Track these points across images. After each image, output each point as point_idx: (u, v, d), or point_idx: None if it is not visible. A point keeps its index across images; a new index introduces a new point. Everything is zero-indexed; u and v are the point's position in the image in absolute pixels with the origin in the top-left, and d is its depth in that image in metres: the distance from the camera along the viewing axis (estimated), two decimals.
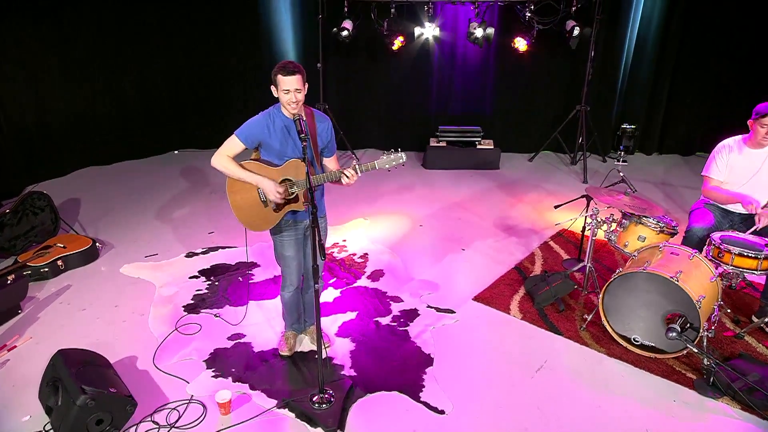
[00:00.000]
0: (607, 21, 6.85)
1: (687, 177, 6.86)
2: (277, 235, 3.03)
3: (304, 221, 3.04)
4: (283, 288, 3.23)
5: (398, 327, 3.67)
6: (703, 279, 3.24)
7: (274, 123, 2.83)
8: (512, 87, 7.42)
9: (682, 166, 7.36)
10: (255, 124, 2.85)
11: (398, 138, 7.69)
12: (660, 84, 7.38)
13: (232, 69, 7.36)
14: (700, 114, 7.46)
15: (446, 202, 5.97)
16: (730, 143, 3.73)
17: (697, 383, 3.04)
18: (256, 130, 2.84)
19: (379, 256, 4.70)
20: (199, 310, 3.83)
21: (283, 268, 3.12)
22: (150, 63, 7.10)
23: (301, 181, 2.83)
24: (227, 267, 4.46)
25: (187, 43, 7.19)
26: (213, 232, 5.13)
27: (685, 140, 7.68)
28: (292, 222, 3.01)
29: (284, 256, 3.06)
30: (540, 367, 3.28)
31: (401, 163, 2.77)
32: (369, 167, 2.76)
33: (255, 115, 2.89)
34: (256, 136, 2.84)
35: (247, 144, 2.86)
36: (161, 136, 7.53)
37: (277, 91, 2.77)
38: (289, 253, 3.05)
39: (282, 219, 2.95)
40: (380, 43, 6.92)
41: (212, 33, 7.18)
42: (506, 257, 4.68)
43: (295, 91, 2.72)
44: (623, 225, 3.78)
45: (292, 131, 2.83)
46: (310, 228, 3.05)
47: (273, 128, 2.82)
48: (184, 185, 6.43)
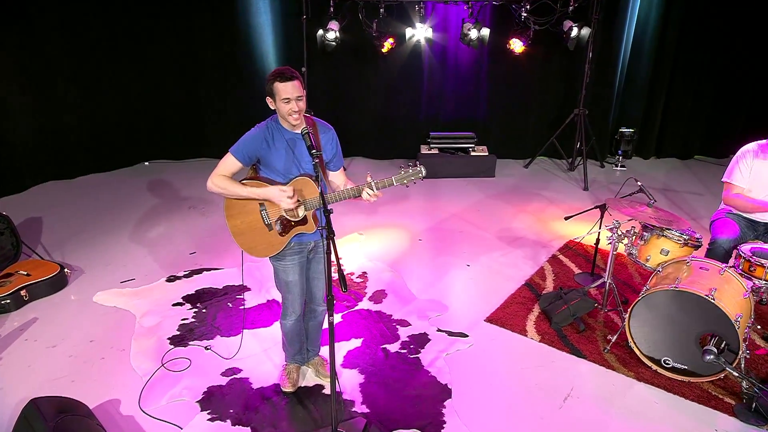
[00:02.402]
0: (603, 21, 6.86)
1: (689, 182, 6.90)
2: (279, 262, 2.84)
3: (309, 243, 2.87)
4: (283, 316, 3.03)
5: (408, 354, 3.51)
6: (736, 295, 3.17)
7: (273, 137, 2.65)
8: (507, 90, 7.37)
9: (681, 170, 7.41)
10: (251, 138, 2.67)
11: (387, 145, 7.58)
12: (658, 86, 7.44)
13: (207, 74, 7.12)
14: (698, 117, 7.54)
15: (444, 213, 5.85)
16: (754, 148, 3.69)
17: (738, 409, 2.96)
18: (253, 145, 2.66)
19: (379, 274, 4.54)
20: (187, 343, 3.60)
21: (284, 294, 2.94)
22: (117, 69, 6.80)
23: (311, 201, 2.65)
24: (214, 291, 4.23)
25: (158, 48, 6.91)
26: (195, 252, 4.89)
27: (683, 144, 7.75)
28: (296, 245, 2.83)
29: (287, 282, 2.88)
30: (567, 395, 3.15)
31: (420, 178, 2.61)
32: (387, 183, 2.60)
33: (250, 129, 2.72)
34: (253, 152, 2.66)
35: (244, 161, 2.68)
36: (130, 147, 7.22)
37: (275, 102, 2.60)
38: (292, 278, 2.87)
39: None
40: (369, 45, 6.78)
41: (185, 36, 6.93)
42: (515, 272, 4.57)
43: (296, 99, 2.56)
44: (644, 238, 3.70)
45: (298, 147, 2.66)
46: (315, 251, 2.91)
47: (272, 142, 2.65)
48: (159, 200, 6.15)
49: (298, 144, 2.66)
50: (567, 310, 3.78)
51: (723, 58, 7.19)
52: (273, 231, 2.72)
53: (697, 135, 7.67)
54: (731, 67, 7.22)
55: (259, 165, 2.72)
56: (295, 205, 2.60)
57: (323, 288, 3.03)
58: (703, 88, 7.36)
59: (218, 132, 7.28)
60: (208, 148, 7.39)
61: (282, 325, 3.09)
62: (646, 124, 7.66)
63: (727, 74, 7.27)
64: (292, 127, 2.65)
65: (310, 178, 2.65)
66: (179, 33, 6.91)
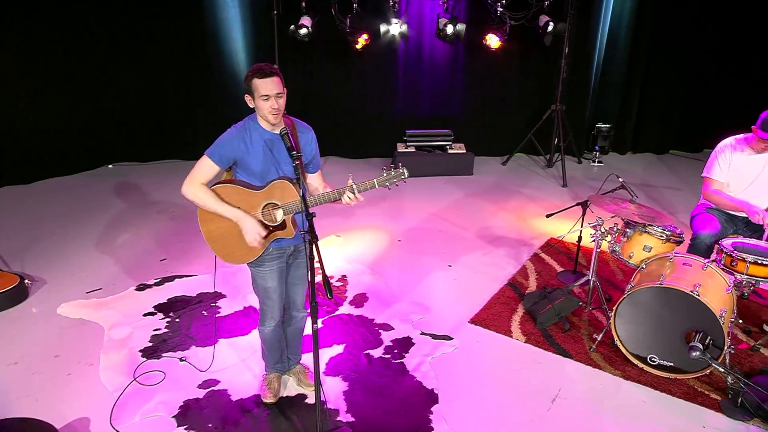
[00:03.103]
0: (578, 16, 6.95)
1: (666, 177, 7.05)
2: (258, 268, 2.77)
3: (289, 248, 2.81)
4: (261, 323, 2.97)
5: (392, 359, 3.48)
6: (719, 290, 3.23)
7: (252, 138, 2.58)
8: (484, 86, 7.41)
9: (657, 165, 7.58)
10: (228, 140, 2.59)
11: (363, 144, 7.54)
12: (633, 81, 7.59)
13: (172, 72, 6.95)
14: (673, 112, 7.72)
15: (423, 212, 5.84)
16: (732, 142, 3.77)
17: (724, 405, 3.02)
18: (230, 147, 2.59)
19: (358, 277, 4.49)
20: (160, 355, 3.49)
21: (263, 300, 2.87)
22: (77, 67, 6.58)
23: (290, 205, 2.59)
24: (187, 299, 4.12)
25: (120, 44, 6.72)
26: (165, 259, 4.76)
27: (659, 139, 7.92)
28: (275, 250, 2.77)
29: (266, 288, 2.81)
30: (555, 396, 3.16)
31: (403, 180, 2.58)
32: (368, 186, 2.56)
33: (226, 130, 2.65)
34: (230, 155, 2.59)
35: (221, 165, 2.61)
36: (92, 149, 7.00)
37: (254, 100, 2.54)
38: (271, 284, 2.80)
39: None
40: (342, 41, 6.73)
41: (149, 31, 6.75)
42: (497, 272, 4.58)
43: (275, 96, 2.50)
44: (627, 235, 3.75)
45: (276, 148, 2.60)
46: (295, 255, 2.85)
47: (250, 144, 2.58)
48: (125, 205, 5.98)
49: (276, 145, 2.60)
50: (552, 310, 3.80)
51: (696, 52, 7.37)
52: None
53: (672, 130, 7.86)
54: (704, 61, 7.42)
55: (235, 167, 2.64)
56: (260, 246, 2.58)
57: (303, 294, 2.98)
58: (676, 82, 7.54)
59: (186, 133, 7.13)
60: (177, 150, 7.23)
61: (260, 332, 3.02)
62: (622, 120, 7.80)
63: (701, 68, 7.46)
64: (271, 127, 2.59)
65: (289, 181, 2.59)
66: (142, 31, 6.73)
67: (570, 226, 4.55)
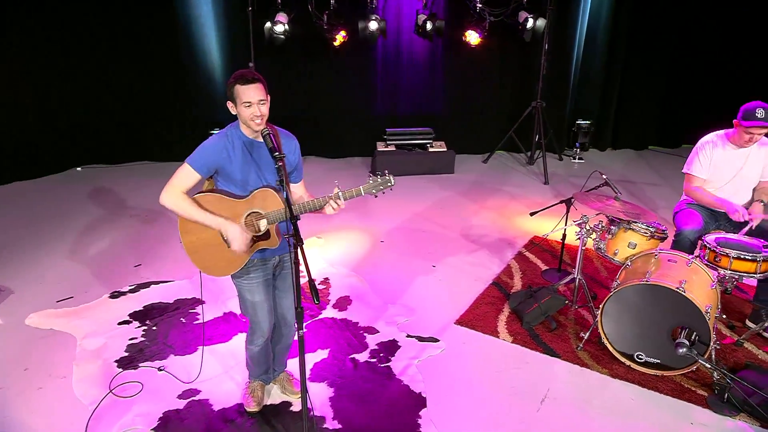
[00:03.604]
0: (557, 12, 7.01)
1: (646, 173, 7.17)
2: (242, 279, 2.72)
3: (273, 258, 2.76)
4: (250, 341, 2.91)
5: (378, 363, 3.46)
6: (704, 286, 3.29)
7: (234, 146, 2.54)
8: (463, 83, 7.43)
9: (637, 161, 7.70)
10: (211, 148, 2.54)
11: (342, 143, 7.50)
12: (611, 77, 7.70)
13: (142, 70, 6.80)
14: (652, 107, 7.86)
15: (405, 212, 5.83)
16: (713, 139, 3.84)
17: (711, 401, 3.07)
18: (213, 155, 2.54)
19: (341, 280, 4.46)
20: (137, 365, 3.41)
21: (251, 316, 2.81)
22: (44, 65, 6.40)
23: (274, 214, 2.55)
24: (164, 306, 4.04)
25: (90, 41, 6.55)
26: (140, 264, 4.66)
27: (638, 135, 8.05)
28: (260, 260, 2.72)
29: (253, 303, 2.76)
30: (544, 397, 3.18)
31: (389, 187, 2.56)
32: (354, 193, 2.54)
33: (208, 138, 2.59)
34: (213, 163, 2.54)
35: (203, 173, 2.55)
36: (59, 151, 6.81)
37: (236, 107, 2.50)
38: (259, 297, 2.75)
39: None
40: (320, 38, 6.67)
41: (119, 29, 6.59)
42: (482, 272, 4.60)
43: (258, 103, 2.46)
44: (612, 232, 3.79)
45: (256, 151, 2.56)
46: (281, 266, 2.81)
47: (233, 151, 2.53)
48: (96, 209, 5.83)
49: (256, 150, 2.56)
50: (538, 309, 3.82)
51: (674, 47, 7.51)
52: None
53: (651, 126, 8.00)
54: (682, 56, 7.56)
55: (216, 175, 2.59)
56: (246, 252, 2.53)
57: (293, 307, 2.93)
58: (654, 78, 7.67)
59: (158, 133, 6.99)
60: (148, 151, 7.09)
61: (248, 350, 2.98)
62: (602, 116, 7.91)
63: (678, 64, 7.60)
64: (254, 134, 2.55)
65: (272, 190, 2.55)
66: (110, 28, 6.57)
67: (553, 224, 4.58)
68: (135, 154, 7.12)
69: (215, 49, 6.94)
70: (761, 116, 3.48)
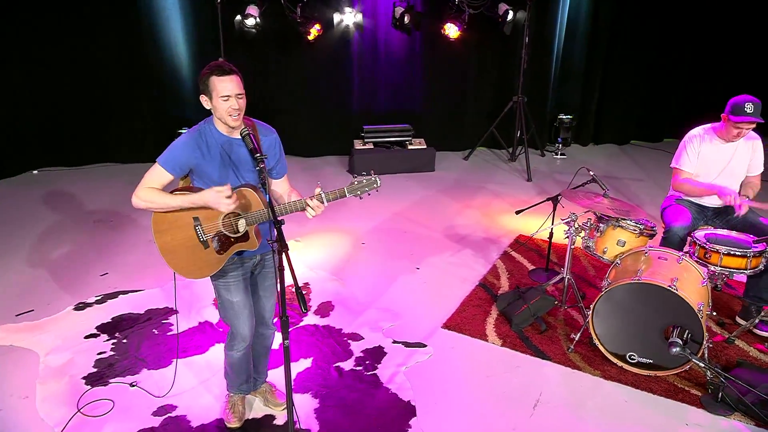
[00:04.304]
0: (537, 4, 7.08)
1: (629, 168, 7.29)
2: (220, 279, 2.66)
3: (253, 258, 2.71)
4: (230, 346, 2.84)
5: (365, 371, 3.43)
6: (695, 284, 3.34)
7: (208, 143, 2.47)
8: (442, 78, 7.46)
9: (620, 155, 7.83)
10: (182, 146, 2.48)
11: (318, 142, 7.45)
12: (593, 71, 7.82)
13: (104, 68, 6.66)
14: (634, 101, 7.99)
15: (385, 213, 5.81)
16: (700, 132, 3.90)
17: (705, 400, 3.11)
18: (185, 153, 2.47)
19: (322, 284, 4.42)
20: (107, 381, 3.31)
21: (230, 319, 2.75)
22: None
23: (254, 215, 2.49)
24: (135, 317, 3.94)
25: (45, 37, 6.36)
26: (107, 273, 4.53)
27: (620, 129, 8.18)
28: (239, 260, 2.66)
29: (232, 303, 2.70)
30: (537, 401, 3.19)
31: (375, 189, 2.52)
32: (338, 195, 2.49)
33: (180, 135, 2.52)
34: (185, 161, 2.47)
35: (175, 172, 2.48)
36: (14, 153, 6.60)
37: (211, 101, 2.44)
38: (238, 297, 2.69)
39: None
40: (293, 32, 6.63)
41: (78, 25, 6.42)
42: (467, 273, 4.60)
43: (236, 96, 2.41)
44: (600, 230, 3.82)
45: (235, 152, 2.50)
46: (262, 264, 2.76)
47: (207, 149, 2.47)
48: (56, 214, 5.66)
49: (234, 148, 2.50)
50: (527, 310, 3.83)
51: (654, 41, 7.65)
52: (210, 249, 2.54)
53: (633, 120, 8.13)
54: (664, 50, 7.70)
55: (191, 175, 2.52)
56: (235, 206, 2.43)
57: (272, 308, 2.89)
58: (636, 71, 7.81)
59: (121, 134, 6.84)
60: (111, 153, 6.92)
61: (228, 355, 2.90)
62: (584, 111, 8.02)
63: (660, 57, 7.74)
64: (229, 131, 2.48)
65: (251, 189, 2.49)
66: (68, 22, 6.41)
67: (538, 222, 4.62)
68: (96, 156, 6.95)
69: (182, 43, 6.82)
70: (750, 111, 3.54)
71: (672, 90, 7.94)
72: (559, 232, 4.48)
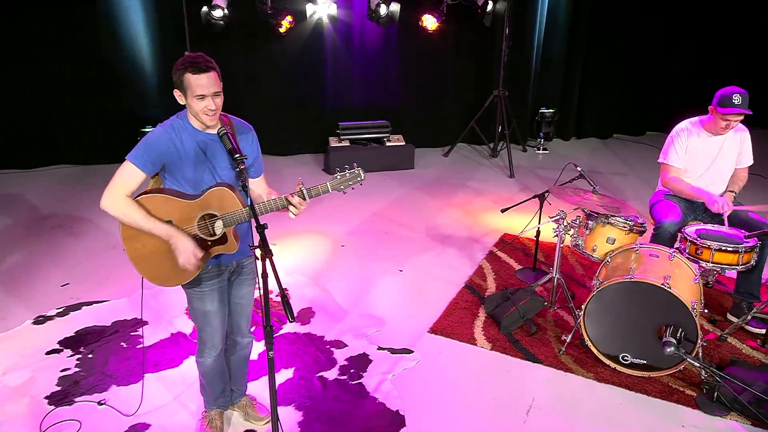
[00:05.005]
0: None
1: (612, 162, 7.43)
2: (194, 288, 2.60)
3: (229, 265, 2.67)
4: (200, 353, 2.79)
5: (350, 381, 3.41)
6: (688, 281, 3.40)
7: (182, 139, 2.42)
8: (421, 72, 7.49)
9: (602, 150, 7.96)
10: (154, 142, 2.41)
11: (291, 140, 7.41)
12: (573, 63, 7.93)
13: (57, 62, 6.49)
14: (616, 95, 8.13)
15: (364, 213, 5.79)
16: (687, 126, 3.97)
17: (700, 401, 3.17)
18: (158, 150, 2.41)
19: (301, 290, 4.38)
20: (72, 400, 3.22)
21: (201, 327, 2.70)
22: None
23: (231, 216, 2.45)
24: (101, 330, 3.84)
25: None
26: (68, 284, 4.42)
27: (602, 123, 8.32)
28: (215, 268, 2.61)
29: (204, 313, 2.65)
30: (529, 407, 3.21)
31: (359, 182, 2.51)
32: (321, 191, 2.47)
33: (151, 130, 2.47)
34: (158, 159, 2.41)
35: (147, 170, 2.42)
36: None
37: (186, 98, 2.38)
38: (211, 307, 2.65)
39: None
40: (263, 24, 6.57)
41: (29, 18, 6.22)
42: (452, 274, 4.61)
43: (212, 95, 2.36)
44: (589, 227, 3.87)
45: (210, 150, 2.45)
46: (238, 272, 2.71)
47: (181, 146, 2.41)
48: (9, 220, 5.50)
49: (210, 146, 2.45)
50: (516, 312, 3.85)
51: (637, 32, 7.80)
52: None
53: (615, 113, 8.27)
54: (645, 42, 7.85)
55: (163, 173, 2.46)
56: (195, 268, 2.44)
57: (249, 316, 2.84)
58: (618, 63, 7.94)
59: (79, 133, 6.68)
60: (67, 154, 6.75)
61: (199, 364, 2.84)
62: (565, 104, 8.12)
63: (642, 49, 7.90)
64: (205, 128, 2.43)
65: (228, 188, 2.45)
66: (19, 16, 6.22)
67: (523, 220, 4.65)
68: (51, 158, 6.76)
69: (143, 36, 6.68)
70: (738, 102, 3.62)
71: (654, 83, 8.10)
72: (546, 230, 4.55)
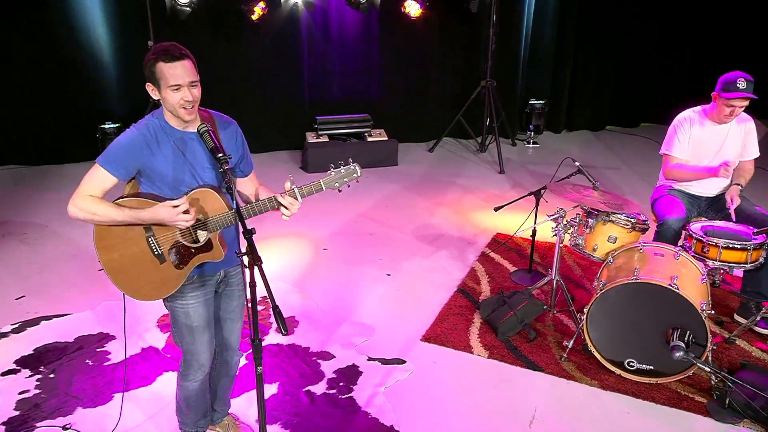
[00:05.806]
0: None
1: (604, 155, 7.50)
2: (177, 301, 2.51)
3: (216, 275, 2.59)
4: (184, 377, 2.69)
5: (339, 395, 3.36)
6: (695, 281, 3.41)
7: (158, 139, 2.33)
8: (404, 62, 7.47)
9: (595, 143, 8.03)
10: (127, 144, 2.32)
11: (265, 136, 7.31)
12: (563, 53, 7.97)
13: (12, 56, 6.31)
14: (608, 85, 8.20)
15: (348, 213, 5.74)
16: (690, 115, 4.00)
17: (711, 408, 3.18)
18: (131, 152, 2.31)
19: (282, 297, 4.30)
20: (33, 425, 3.10)
21: (187, 345, 2.61)
22: None
23: (216, 220, 2.37)
24: (63, 347, 3.72)
25: None
26: (23, 297, 4.29)
27: (594, 114, 8.39)
28: (198, 278, 2.53)
29: (191, 329, 2.56)
30: (532, 418, 3.19)
31: (355, 179, 2.46)
32: (314, 189, 2.42)
33: (125, 131, 2.38)
34: (131, 161, 2.32)
35: (119, 174, 2.32)
36: None
37: (159, 91, 2.30)
38: (198, 321, 2.55)
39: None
40: (234, 11, 6.50)
41: None
42: (444, 278, 4.59)
43: (188, 85, 2.28)
44: (590, 225, 3.86)
45: (190, 149, 2.37)
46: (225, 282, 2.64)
47: (157, 147, 2.33)
48: None
49: (189, 145, 2.37)
50: (514, 317, 3.83)
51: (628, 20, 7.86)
52: (167, 263, 2.39)
53: (607, 104, 8.35)
54: (637, 30, 7.92)
55: (139, 177, 2.37)
56: (193, 221, 2.31)
57: (239, 330, 2.76)
58: (609, 52, 8.01)
59: (31, 131, 6.49)
60: (17, 155, 6.54)
61: (182, 387, 2.74)
62: (555, 95, 8.16)
63: (634, 38, 7.96)
64: (183, 125, 2.35)
65: (212, 190, 2.37)
66: None
67: (516, 218, 4.64)
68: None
69: (101, 25, 6.52)
70: (743, 87, 3.65)
71: (648, 71, 8.18)
72: (541, 230, 4.53)
